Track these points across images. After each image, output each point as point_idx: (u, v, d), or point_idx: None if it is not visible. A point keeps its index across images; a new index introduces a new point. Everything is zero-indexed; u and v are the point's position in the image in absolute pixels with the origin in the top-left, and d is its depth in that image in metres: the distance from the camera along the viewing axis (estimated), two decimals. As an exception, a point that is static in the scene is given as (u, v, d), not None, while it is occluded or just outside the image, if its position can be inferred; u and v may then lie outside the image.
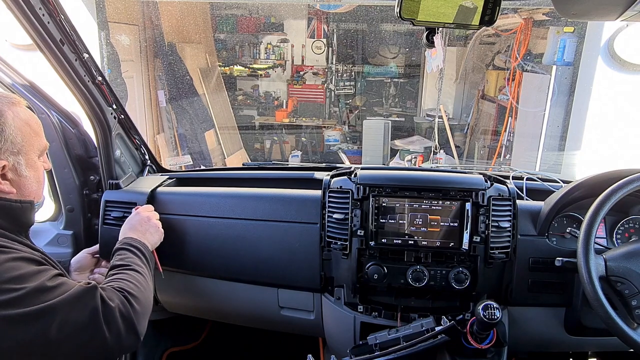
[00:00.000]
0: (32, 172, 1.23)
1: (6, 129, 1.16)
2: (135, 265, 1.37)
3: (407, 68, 7.78)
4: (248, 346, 2.55)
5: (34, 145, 1.24)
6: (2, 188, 1.16)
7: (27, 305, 1.01)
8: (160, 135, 5.99)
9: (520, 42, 4.98)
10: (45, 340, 1.02)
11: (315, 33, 7.57)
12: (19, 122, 1.19)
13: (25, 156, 1.21)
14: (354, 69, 7.83)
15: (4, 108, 1.17)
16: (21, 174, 1.20)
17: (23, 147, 1.20)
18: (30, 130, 1.22)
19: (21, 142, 1.19)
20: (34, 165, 1.24)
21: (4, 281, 1.01)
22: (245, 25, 7.55)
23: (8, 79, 1.71)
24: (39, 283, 1.05)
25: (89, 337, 1.08)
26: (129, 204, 1.77)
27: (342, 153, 7.08)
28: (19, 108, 1.21)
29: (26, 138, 1.20)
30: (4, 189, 1.17)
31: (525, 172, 1.97)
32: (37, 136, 1.26)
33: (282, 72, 7.88)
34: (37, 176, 1.26)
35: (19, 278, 1.03)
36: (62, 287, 1.08)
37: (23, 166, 1.20)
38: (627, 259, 1.38)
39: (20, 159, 1.19)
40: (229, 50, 7.78)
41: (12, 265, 1.05)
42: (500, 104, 5.69)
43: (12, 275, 1.02)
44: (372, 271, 1.60)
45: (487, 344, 1.36)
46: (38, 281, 1.05)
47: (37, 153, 1.26)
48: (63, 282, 1.10)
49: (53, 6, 1.39)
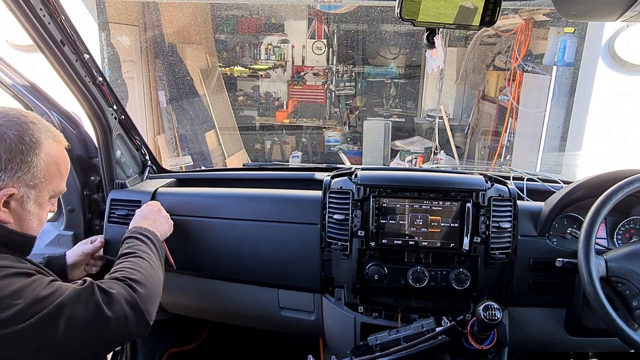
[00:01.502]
0: (37, 209, 1.17)
1: (35, 160, 1.12)
2: (140, 252, 1.37)
3: (408, 69, 7.79)
4: (248, 347, 2.55)
5: (52, 186, 1.19)
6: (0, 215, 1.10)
7: (28, 317, 1.01)
8: (160, 135, 5.99)
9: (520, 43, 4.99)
10: (56, 342, 1.03)
11: (316, 34, 7.58)
12: (50, 158, 1.15)
13: (38, 193, 1.16)
14: (354, 69, 7.84)
15: (43, 140, 1.14)
16: (25, 208, 1.14)
17: (40, 184, 1.15)
18: (56, 171, 1.18)
19: (41, 179, 1.14)
20: (42, 204, 1.19)
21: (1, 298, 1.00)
22: (245, 25, 7.56)
23: (9, 79, 1.71)
24: (34, 294, 1.04)
25: (97, 328, 1.10)
26: (134, 202, 1.80)
27: (343, 154, 7.08)
28: (57, 145, 1.18)
29: (48, 176, 1.16)
30: (1, 217, 1.11)
31: (526, 172, 1.97)
32: (60, 179, 1.21)
33: (282, 73, 7.89)
34: (40, 215, 1.19)
35: (15, 293, 1.02)
36: (57, 291, 1.08)
37: (31, 201, 1.15)
38: (628, 260, 1.38)
39: (31, 193, 1.14)
40: (229, 50, 7.79)
41: (4, 283, 1.03)
42: (500, 104, 5.69)
43: (7, 292, 1.01)
44: (373, 272, 1.60)
45: (487, 345, 1.35)
46: (33, 292, 1.04)
47: (50, 194, 1.20)
48: (57, 287, 1.09)
49: (54, 7, 1.39)
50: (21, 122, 1.12)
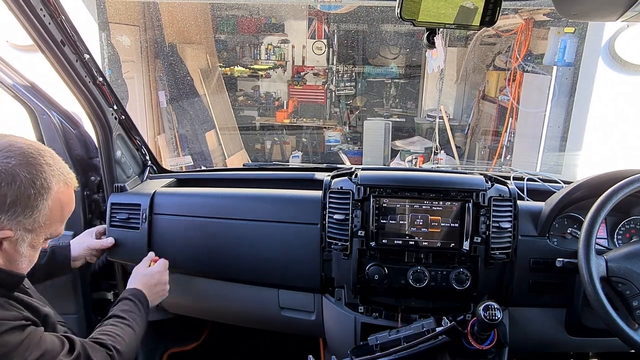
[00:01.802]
0: (30, 251, 1.12)
1: (40, 205, 1.07)
2: (135, 319, 1.41)
3: (408, 69, 7.79)
4: (248, 347, 2.55)
5: (50, 230, 1.14)
6: None
7: None
8: (160, 135, 5.99)
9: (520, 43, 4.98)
10: None
11: (316, 34, 7.58)
12: (56, 203, 1.10)
13: (35, 236, 1.11)
14: (354, 69, 7.83)
15: (54, 184, 1.09)
16: (18, 250, 1.09)
17: (39, 228, 1.10)
18: (59, 216, 1.13)
19: (41, 223, 1.09)
20: (35, 246, 1.14)
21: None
22: (245, 26, 7.56)
23: (9, 79, 1.71)
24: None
25: None
26: (134, 206, 1.80)
27: (343, 154, 7.08)
28: (67, 189, 1.14)
29: (49, 221, 1.11)
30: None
31: (526, 172, 1.97)
32: (60, 223, 1.17)
33: (282, 73, 7.89)
34: (32, 257, 1.14)
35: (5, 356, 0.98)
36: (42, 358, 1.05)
37: (25, 244, 1.10)
38: (628, 260, 1.38)
39: (27, 237, 1.09)
40: (229, 50, 7.79)
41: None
42: (500, 104, 5.69)
43: None
44: (373, 272, 1.60)
45: (487, 345, 1.36)
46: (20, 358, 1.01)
47: (46, 236, 1.15)
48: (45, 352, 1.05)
49: (54, 7, 1.39)
50: (35, 164, 1.06)
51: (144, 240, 1.79)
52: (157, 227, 1.80)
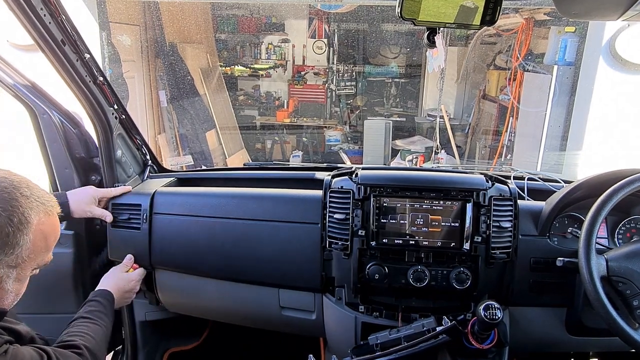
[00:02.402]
0: (17, 286, 1.08)
1: (21, 241, 1.02)
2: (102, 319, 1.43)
3: (408, 68, 7.78)
4: (249, 346, 2.55)
5: (37, 260, 1.09)
6: None
7: None
8: (161, 135, 5.99)
9: (521, 42, 4.98)
10: None
11: (316, 33, 7.58)
12: (39, 235, 1.06)
13: (20, 271, 1.06)
14: (355, 69, 7.83)
15: (34, 217, 1.04)
16: (4, 288, 1.04)
17: (24, 262, 1.05)
18: (43, 246, 1.09)
19: (25, 258, 1.04)
20: (23, 279, 1.09)
21: None
22: (246, 25, 7.56)
23: (9, 79, 1.71)
24: None
25: None
26: (135, 206, 1.81)
27: (343, 153, 7.07)
28: (48, 219, 1.08)
29: (34, 254, 1.06)
30: None
31: (527, 172, 1.97)
32: (47, 252, 1.12)
33: (283, 72, 7.89)
34: (19, 290, 1.10)
35: None
36: None
37: (11, 280, 1.05)
38: (629, 259, 1.38)
39: (12, 273, 1.04)
40: (230, 50, 7.79)
41: None
42: (501, 104, 5.69)
43: None
44: (373, 271, 1.60)
45: (488, 344, 1.36)
46: None
47: (33, 267, 1.10)
48: None
49: (54, 6, 1.39)
50: (10, 199, 1.01)
51: (145, 240, 1.79)
52: (158, 226, 1.80)
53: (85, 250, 1.94)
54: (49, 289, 1.90)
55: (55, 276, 1.90)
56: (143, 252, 1.78)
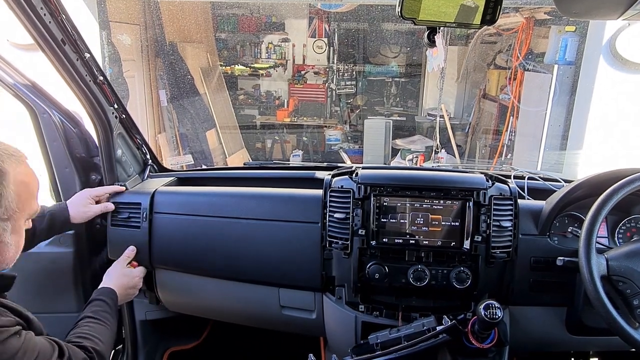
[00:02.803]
0: (15, 238, 1.11)
1: (4, 192, 1.05)
2: (108, 319, 1.43)
3: (408, 67, 7.78)
4: (249, 346, 2.55)
5: (26, 210, 1.12)
6: None
7: None
8: (161, 134, 5.99)
9: (521, 41, 4.98)
10: None
11: (317, 32, 7.57)
12: (19, 185, 1.08)
13: (14, 222, 1.09)
14: (355, 68, 7.82)
15: (8, 169, 1.05)
16: (3, 241, 1.08)
17: (14, 214, 1.08)
18: (27, 194, 1.11)
19: (14, 208, 1.07)
20: (19, 231, 1.13)
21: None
22: (246, 24, 7.55)
23: (10, 78, 1.71)
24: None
25: None
26: (135, 205, 1.81)
27: (343, 152, 7.07)
28: (21, 167, 1.11)
29: (21, 202, 1.09)
30: None
31: (527, 171, 1.97)
32: (32, 199, 1.15)
33: (283, 72, 7.89)
34: (18, 242, 1.14)
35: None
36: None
37: (8, 233, 1.09)
38: (629, 259, 1.38)
39: (7, 225, 1.08)
40: (230, 49, 7.78)
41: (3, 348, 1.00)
42: (501, 103, 5.69)
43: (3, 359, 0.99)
44: (373, 270, 1.60)
45: (488, 344, 1.36)
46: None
47: (26, 217, 1.14)
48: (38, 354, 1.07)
49: (54, 6, 1.39)
50: None
51: (145, 239, 1.79)
52: (158, 225, 1.80)
53: (85, 250, 1.94)
54: (50, 288, 1.91)
55: (56, 275, 1.90)
56: (143, 251, 1.79)
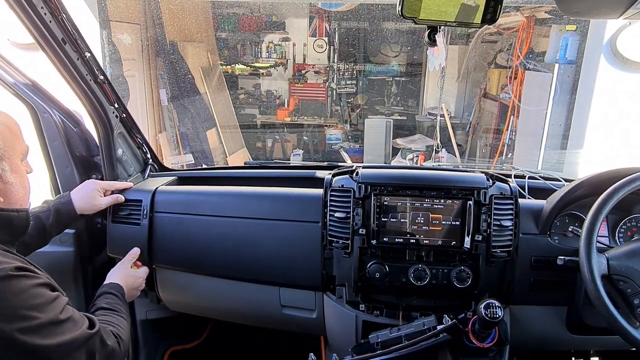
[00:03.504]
0: (17, 177, 1.17)
1: None
2: (123, 312, 1.43)
3: (409, 66, 7.78)
4: (250, 345, 2.56)
5: (16, 149, 1.18)
6: None
7: (38, 337, 1.01)
8: (162, 134, 5.99)
9: (522, 41, 4.98)
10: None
11: (317, 31, 7.57)
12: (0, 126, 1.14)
13: (9, 161, 1.15)
14: (355, 67, 7.82)
15: None
16: (7, 181, 1.14)
17: (6, 152, 1.13)
18: (11, 134, 1.16)
19: (3, 147, 1.13)
20: (18, 170, 1.18)
21: (27, 307, 1.01)
22: (246, 23, 7.55)
23: (10, 77, 1.71)
24: (53, 316, 1.05)
25: None
26: (135, 202, 1.82)
27: (344, 152, 7.07)
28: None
29: (8, 142, 1.14)
30: None
31: (527, 170, 1.96)
32: (18, 139, 1.20)
33: (283, 71, 7.88)
34: (22, 182, 1.19)
35: (38, 307, 1.03)
36: (69, 322, 1.08)
37: (8, 172, 1.14)
38: (630, 258, 1.38)
39: (4, 165, 1.13)
40: (230, 49, 7.78)
41: (35, 292, 1.04)
42: (502, 102, 5.69)
43: (33, 302, 1.02)
44: (374, 270, 1.60)
45: (488, 343, 1.36)
46: (52, 313, 1.05)
47: (20, 157, 1.19)
48: (70, 317, 1.10)
49: (55, 5, 1.39)
50: None
51: (144, 236, 1.79)
52: (158, 225, 1.80)
53: (86, 249, 1.94)
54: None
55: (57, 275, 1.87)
56: (142, 249, 1.79)
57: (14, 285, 1.01)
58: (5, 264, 1.02)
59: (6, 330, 0.97)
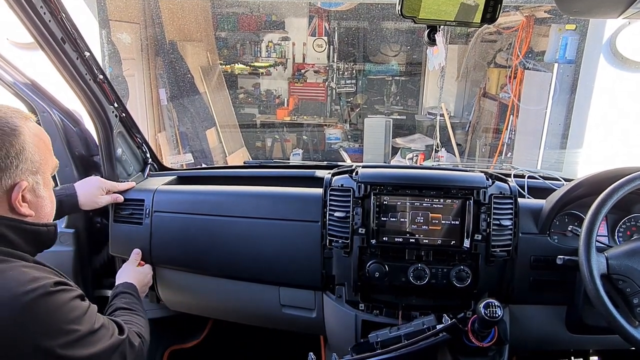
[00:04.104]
0: (47, 192, 1.16)
1: (26, 146, 1.08)
2: (141, 311, 1.46)
3: (409, 66, 7.77)
4: (249, 344, 2.56)
5: (49, 163, 1.17)
6: (23, 211, 1.08)
7: (79, 349, 1.02)
8: (161, 133, 5.99)
9: (521, 40, 4.98)
10: None
11: (317, 31, 7.56)
12: (35, 138, 1.11)
13: (43, 175, 1.14)
14: (355, 67, 7.82)
15: (20, 124, 1.08)
16: (39, 195, 1.13)
17: (41, 166, 1.12)
18: (45, 147, 1.15)
19: (39, 160, 1.11)
20: (49, 184, 1.18)
21: (67, 322, 1.01)
22: (246, 23, 7.54)
23: (9, 77, 1.71)
24: (89, 327, 1.06)
25: None
26: (137, 201, 1.82)
27: (344, 151, 7.07)
28: (31, 123, 1.13)
29: (42, 155, 1.13)
30: (24, 212, 1.09)
31: (527, 170, 1.97)
32: (50, 153, 1.19)
33: (283, 70, 7.88)
34: (51, 196, 1.19)
35: (76, 320, 1.03)
36: (103, 330, 1.10)
37: (41, 186, 1.13)
38: (629, 257, 1.38)
39: (38, 179, 1.12)
40: (230, 48, 7.78)
41: (73, 305, 1.04)
42: (501, 102, 5.69)
43: (73, 316, 1.03)
44: (373, 269, 1.60)
45: (488, 342, 1.36)
46: (89, 324, 1.06)
47: (50, 171, 1.18)
48: (102, 325, 1.11)
49: (54, 4, 1.39)
50: None
51: (147, 235, 1.79)
52: (159, 224, 1.80)
53: (86, 248, 1.94)
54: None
55: (56, 274, 1.90)
56: (144, 248, 1.79)
57: (55, 301, 1.01)
58: (45, 280, 1.01)
59: (50, 347, 0.97)
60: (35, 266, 1.08)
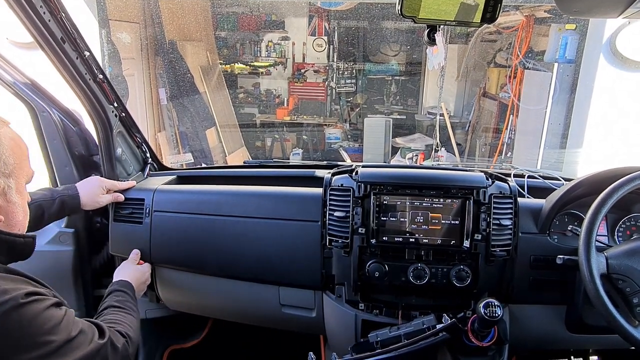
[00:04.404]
0: (20, 199, 1.11)
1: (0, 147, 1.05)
2: (133, 309, 1.44)
3: (408, 66, 7.77)
4: (249, 344, 2.56)
5: (24, 170, 1.13)
6: None
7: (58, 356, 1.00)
8: (161, 133, 5.99)
9: (521, 40, 4.98)
10: None
11: (317, 30, 7.56)
12: (11, 142, 1.09)
13: (16, 180, 1.10)
14: (355, 66, 7.82)
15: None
16: (10, 200, 1.08)
17: (14, 170, 1.08)
18: (21, 153, 1.12)
19: (13, 164, 1.08)
20: (22, 192, 1.13)
21: (42, 333, 0.99)
22: (246, 22, 7.54)
23: (9, 77, 1.71)
24: (66, 335, 1.03)
25: None
26: (137, 200, 1.82)
27: (343, 151, 7.07)
28: (7, 128, 1.11)
29: (17, 160, 1.09)
30: None
31: (527, 169, 1.97)
32: (26, 160, 1.16)
33: (283, 70, 7.88)
34: (23, 205, 1.14)
35: (52, 330, 1.01)
36: (81, 336, 1.07)
37: (13, 191, 1.08)
38: (629, 257, 1.38)
39: (11, 183, 1.07)
40: (230, 48, 7.77)
41: (47, 315, 1.01)
42: (501, 101, 5.69)
43: (47, 326, 1.00)
44: (373, 269, 1.60)
45: (488, 342, 1.36)
46: (65, 333, 1.03)
47: (25, 179, 1.15)
48: (81, 330, 1.08)
49: (54, 4, 1.39)
50: None
51: (146, 235, 1.80)
52: (158, 224, 1.80)
53: (85, 248, 1.94)
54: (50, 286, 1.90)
55: (56, 274, 1.90)
56: (144, 248, 1.79)
57: (27, 313, 0.97)
58: (15, 292, 0.97)
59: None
60: (5, 276, 1.02)
